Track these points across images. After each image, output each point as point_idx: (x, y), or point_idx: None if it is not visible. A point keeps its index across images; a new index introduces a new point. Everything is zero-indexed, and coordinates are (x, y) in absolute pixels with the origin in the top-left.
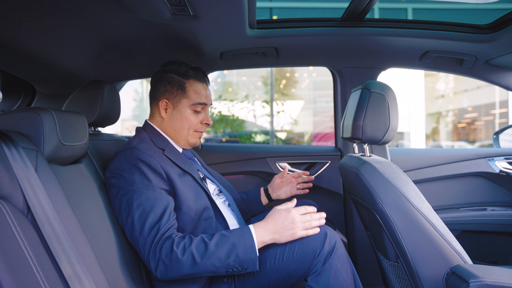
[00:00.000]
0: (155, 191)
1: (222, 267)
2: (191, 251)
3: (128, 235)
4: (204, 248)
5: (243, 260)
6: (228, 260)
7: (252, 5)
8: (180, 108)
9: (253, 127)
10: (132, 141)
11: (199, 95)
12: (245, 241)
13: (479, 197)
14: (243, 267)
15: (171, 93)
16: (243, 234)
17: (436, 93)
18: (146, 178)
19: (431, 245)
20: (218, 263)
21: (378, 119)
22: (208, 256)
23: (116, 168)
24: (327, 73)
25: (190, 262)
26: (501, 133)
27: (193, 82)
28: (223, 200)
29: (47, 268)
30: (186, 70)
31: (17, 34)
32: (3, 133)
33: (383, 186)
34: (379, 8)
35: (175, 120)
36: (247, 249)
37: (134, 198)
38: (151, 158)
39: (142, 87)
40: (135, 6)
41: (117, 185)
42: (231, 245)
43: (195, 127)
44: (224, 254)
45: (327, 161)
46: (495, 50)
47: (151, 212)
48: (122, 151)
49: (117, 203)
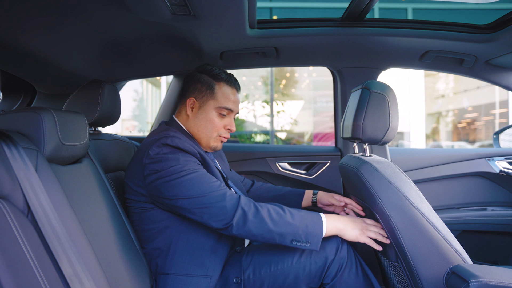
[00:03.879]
0: (201, 168)
1: (291, 233)
2: (268, 208)
3: (192, 202)
4: (281, 210)
5: (310, 231)
6: (299, 226)
7: (252, 5)
8: (206, 109)
9: (253, 127)
10: (168, 132)
11: (227, 99)
12: (315, 218)
13: (479, 197)
14: (307, 241)
15: (200, 92)
16: (313, 213)
17: (436, 93)
18: (189, 160)
19: (431, 245)
20: (289, 226)
21: (378, 119)
22: (283, 217)
23: (157, 153)
24: (327, 73)
25: (267, 216)
26: (501, 133)
27: (223, 84)
28: None
29: (47, 268)
30: (219, 73)
31: (17, 34)
32: (3, 133)
33: (383, 186)
34: (379, 8)
35: (200, 120)
36: (315, 224)
37: (187, 173)
38: (190, 146)
39: (142, 87)
40: (135, 6)
41: (161, 168)
42: (302, 217)
43: (218, 130)
44: (297, 221)
45: (327, 161)
46: (495, 50)
47: (210, 178)
48: (160, 139)
49: (163, 187)
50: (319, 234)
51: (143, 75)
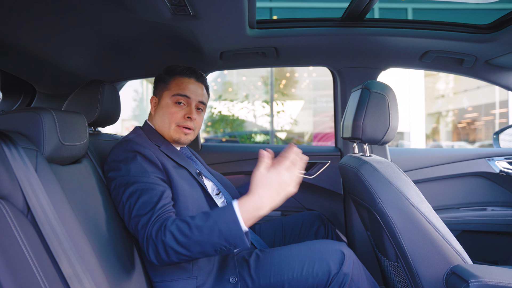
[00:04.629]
0: (151, 177)
1: (208, 246)
2: (172, 230)
3: (126, 221)
4: (187, 226)
5: (227, 236)
6: (212, 237)
7: (252, 5)
8: (162, 101)
9: (253, 127)
10: (129, 135)
11: (180, 87)
12: (226, 216)
13: (479, 197)
14: (231, 244)
15: (157, 88)
16: (224, 209)
17: (436, 93)
18: (141, 167)
19: (431, 245)
20: (202, 241)
21: (378, 119)
22: (191, 238)
23: (112, 160)
24: (327, 73)
25: (174, 243)
26: (501, 133)
27: (178, 77)
28: (222, 200)
29: (47, 268)
30: (174, 68)
31: (17, 34)
32: (3, 133)
33: (383, 186)
34: (379, 8)
35: (160, 115)
36: (229, 224)
37: (129, 185)
38: (146, 149)
39: (142, 87)
40: (135, 6)
41: (113, 177)
42: (212, 222)
43: (177, 120)
44: (207, 231)
45: (327, 161)
46: (495, 50)
47: (148, 196)
48: (118, 144)
49: (115, 194)
50: (239, 232)
51: (143, 75)
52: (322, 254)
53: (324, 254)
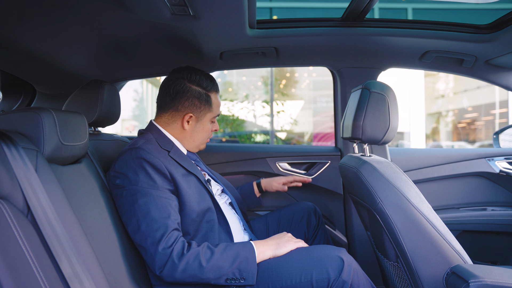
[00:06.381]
0: (159, 190)
1: (224, 274)
2: (198, 255)
3: (132, 234)
4: (210, 253)
5: (243, 269)
6: (231, 267)
7: (252, 5)
8: (203, 121)
9: (253, 127)
10: (138, 141)
11: (218, 107)
12: (247, 252)
13: (479, 197)
14: (242, 277)
15: (198, 107)
16: (245, 246)
17: (436, 93)
18: (150, 178)
19: (431, 245)
20: (222, 269)
21: (378, 119)
22: (214, 261)
23: (121, 167)
24: (327, 73)
25: (197, 265)
26: (501, 133)
27: (215, 94)
28: (225, 199)
29: (47, 268)
30: (207, 83)
31: (17, 34)
32: (3, 133)
33: (383, 186)
34: (379, 8)
35: (198, 133)
36: (248, 259)
37: (138, 197)
38: (156, 159)
39: (142, 87)
40: (135, 6)
41: (121, 185)
42: (235, 254)
43: (210, 136)
44: (229, 261)
45: (327, 161)
46: (495, 50)
47: (157, 210)
48: (127, 150)
49: (121, 203)
50: (253, 269)
51: (143, 75)
52: (321, 261)
53: (323, 261)
